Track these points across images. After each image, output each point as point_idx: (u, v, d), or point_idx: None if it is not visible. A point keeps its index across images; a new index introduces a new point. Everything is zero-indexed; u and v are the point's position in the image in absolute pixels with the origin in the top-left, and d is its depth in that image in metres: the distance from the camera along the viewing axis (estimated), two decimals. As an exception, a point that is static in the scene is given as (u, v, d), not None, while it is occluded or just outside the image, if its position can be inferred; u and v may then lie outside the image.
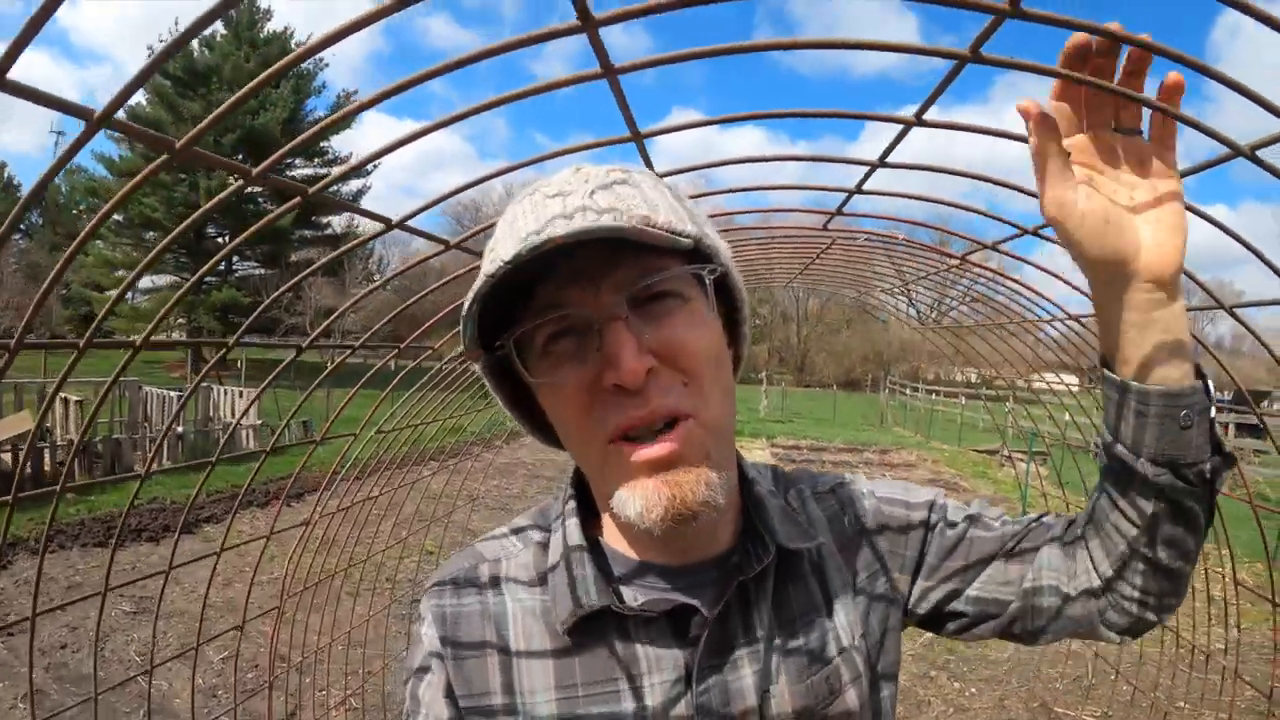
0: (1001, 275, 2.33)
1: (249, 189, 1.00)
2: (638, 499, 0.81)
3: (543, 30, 0.66)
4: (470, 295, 0.81)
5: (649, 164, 1.22)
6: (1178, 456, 0.85)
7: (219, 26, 36.62)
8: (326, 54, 42.21)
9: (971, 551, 1.04)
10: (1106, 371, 0.89)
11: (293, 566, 2.65)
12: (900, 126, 1.01)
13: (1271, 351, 1.54)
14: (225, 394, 14.19)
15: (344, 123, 1.03)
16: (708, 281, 0.86)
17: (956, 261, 2.12)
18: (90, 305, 36.73)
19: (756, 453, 17.41)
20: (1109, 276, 0.84)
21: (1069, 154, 0.82)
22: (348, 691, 4.23)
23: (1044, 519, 1.06)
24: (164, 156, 0.82)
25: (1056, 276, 1.87)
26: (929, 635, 6.45)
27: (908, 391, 33.57)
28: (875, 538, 1.05)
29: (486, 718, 0.92)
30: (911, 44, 0.75)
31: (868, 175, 1.26)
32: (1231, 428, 15.51)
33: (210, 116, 0.77)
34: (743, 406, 27.31)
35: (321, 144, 37.48)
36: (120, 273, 34.97)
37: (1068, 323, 2.36)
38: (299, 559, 2.69)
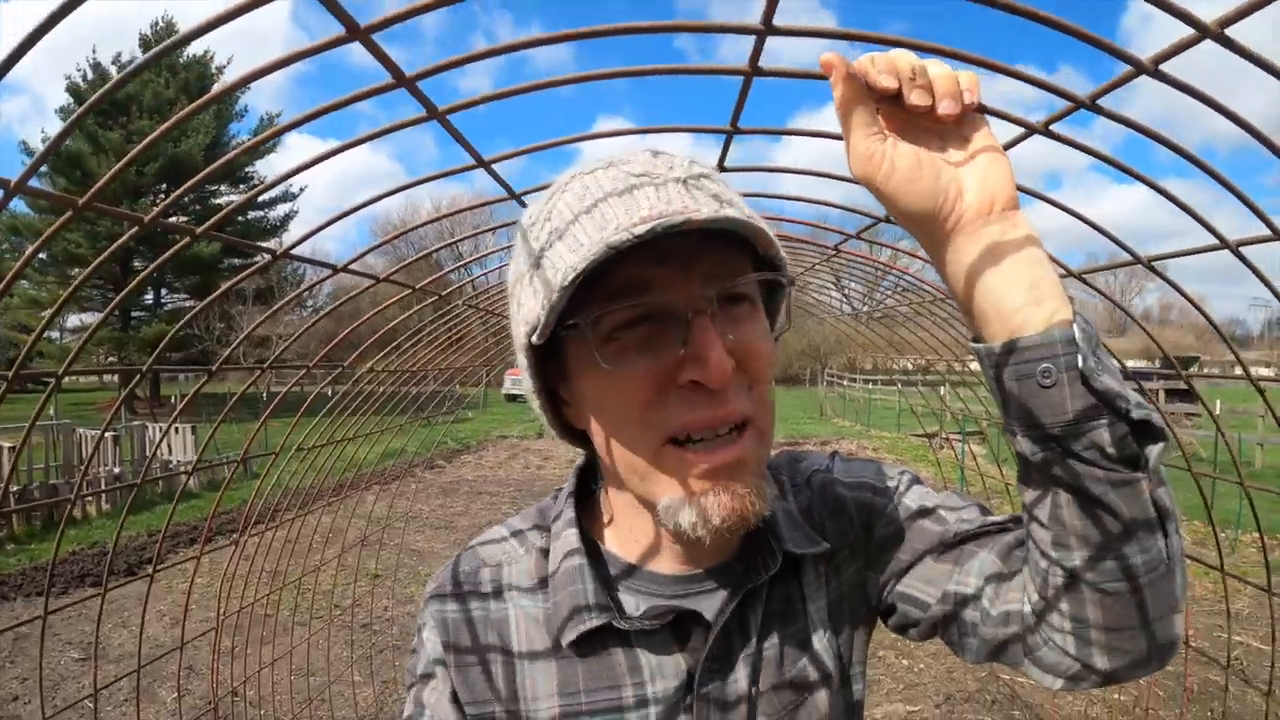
0: (880, 264, 2.44)
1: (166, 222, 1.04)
2: (694, 507, 0.80)
3: (318, 43, 0.69)
4: (568, 264, 0.76)
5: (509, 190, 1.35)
6: (1047, 425, 0.71)
7: (138, 52, 35.76)
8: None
9: (911, 544, 0.96)
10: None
11: (226, 589, 2.67)
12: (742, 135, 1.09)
13: (1187, 296, 1.60)
14: (161, 430, 13.90)
15: (266, 148, 1.09)
16: (789, 292, 0.87)
17: (832, 252, 2.24)
18: (18, 348, 35.52)
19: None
20: (936, 224, 0.75)
21: (875, 107, 0.75)
22: (295, 717, 4.24)
23: (1009, 521, 0.94)
24: (68, 214, 0.88)
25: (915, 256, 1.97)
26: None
27: (845, 383, 33.96)
28: (843, 527, 1.01)
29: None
30: (695, 66, 0.82)
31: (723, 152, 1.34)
32: (1162, 394, 16.06)
33: (106, 176, 0.83)
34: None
35: (247, 169, 36.83)
36: (47, 312, 34.01)
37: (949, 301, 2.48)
38: (230, 584, 2.71)
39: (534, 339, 0.80)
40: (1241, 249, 1.14)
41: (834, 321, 4.37)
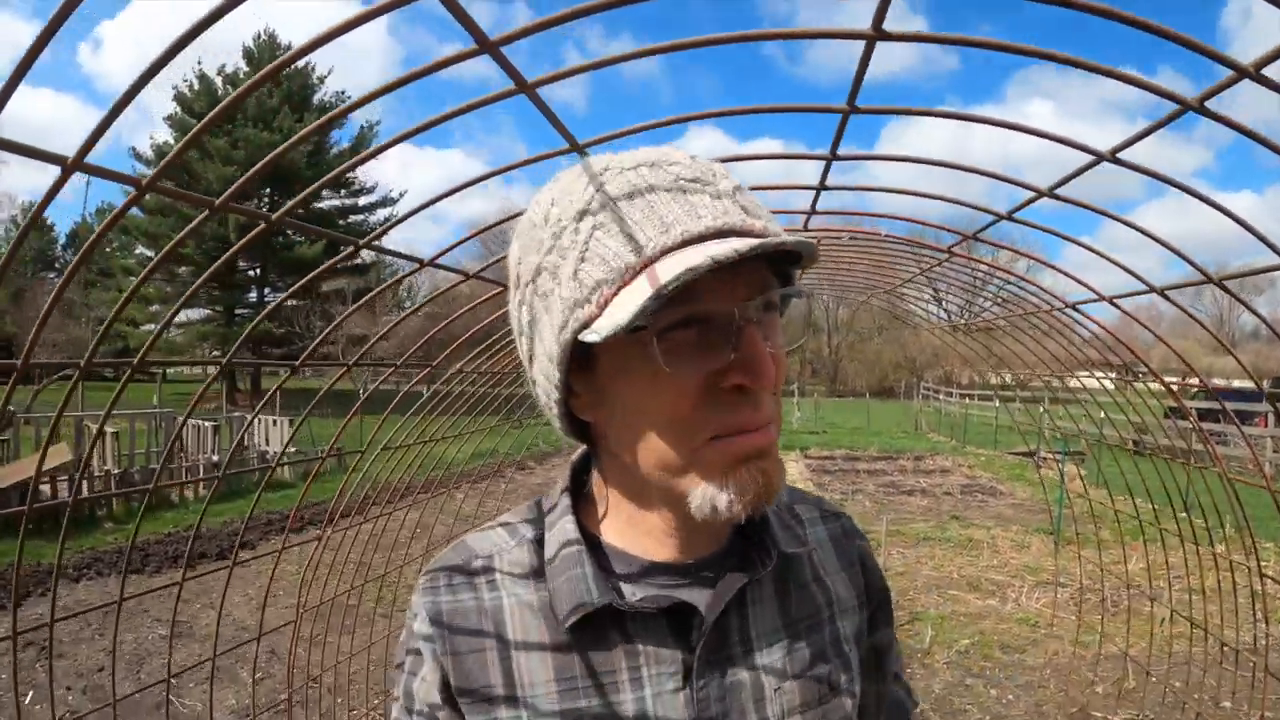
0: (1017, 266, 2.32)
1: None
2: (731, 488, 0.82)
3: (447, 56, 0.67)
4: (671, 271, 0.74)
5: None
6: None
7: (241, 63, 37.47)
8: (348, 87, 43.05)
9: (875, 643, 1.12)
10: None
11: (308, 581, 2.69)
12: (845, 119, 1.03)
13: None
14: (260, 422, 14.37)
15: (364, 152, 1.11)
16: (809, 306, 0.91)
17: (945, 255, 2.12)
18: (125, 340, 37.31)
19: (790, 465, 17.35)
20: None
21: None
22: (370, 708, 4.29)
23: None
24: (204, 212, 0.98)
25: (1074, 242, 1.86)
26: (965, 643, 6.46)
27: (941, 396, 33.31)
28: (863, 576, 1.11)
29: (488, 708, 0.92)
30: (818, 28, 0.78)
31: (826, 170, 1.28)
32: (1271, 417, 15.31)
33: (244, 177, 0.87)
34: (773, 418, 27.22)
35: (348, 175, 37.95)
36: (155, 307, 35.88)
37: (1091, 307, 2.33)
38: (313, 576, 2.73)
39: (593, 338, 0.78)
40: None
41: (930, 332, 4.24)
